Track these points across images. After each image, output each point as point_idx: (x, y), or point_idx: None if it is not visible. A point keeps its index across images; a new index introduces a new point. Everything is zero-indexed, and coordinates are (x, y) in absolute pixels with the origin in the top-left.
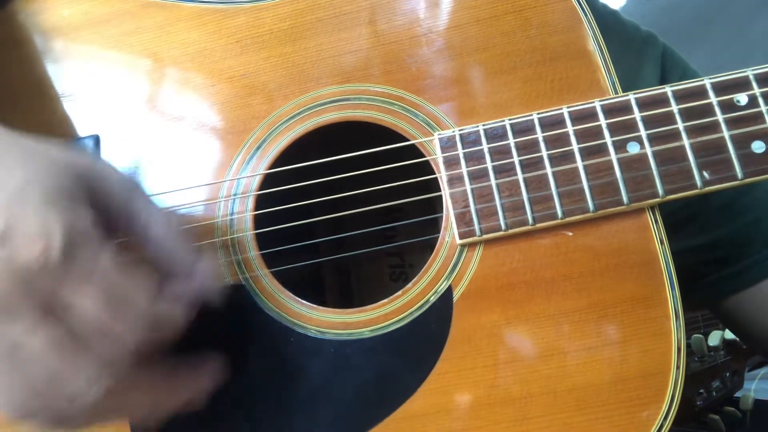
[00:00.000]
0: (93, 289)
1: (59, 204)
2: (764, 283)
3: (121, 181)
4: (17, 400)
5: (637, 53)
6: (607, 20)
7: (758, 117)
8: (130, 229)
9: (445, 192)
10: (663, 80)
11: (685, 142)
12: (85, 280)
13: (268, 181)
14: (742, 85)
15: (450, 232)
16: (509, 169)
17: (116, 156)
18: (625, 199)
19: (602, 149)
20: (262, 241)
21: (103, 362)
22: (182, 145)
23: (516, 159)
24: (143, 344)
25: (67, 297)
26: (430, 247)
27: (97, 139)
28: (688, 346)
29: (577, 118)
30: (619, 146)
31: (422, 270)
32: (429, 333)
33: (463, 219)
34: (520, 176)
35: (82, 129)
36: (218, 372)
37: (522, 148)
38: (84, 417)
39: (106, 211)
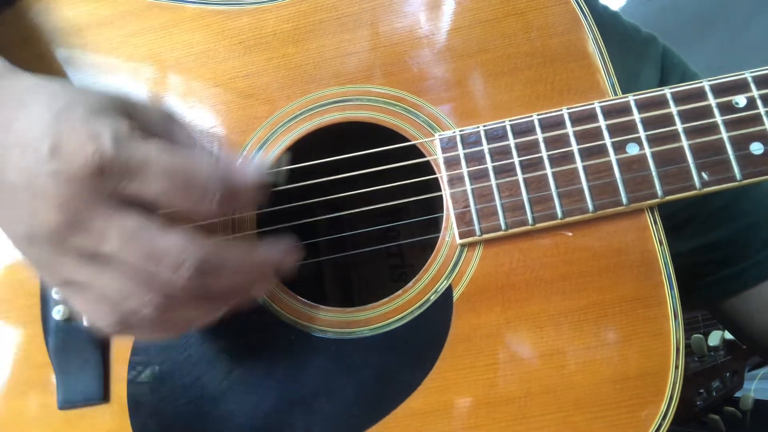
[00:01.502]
0: (156, 173)
1: (103, 114)
2: (763, 284)
3: (157, 108)
4: (92, 311)
5: (637, 55)
6: (607, 22)
7: (757, 119)
8: None
9: (446, 192)
10: (663, 82)
11: (684, 143)
12: (144, 167)
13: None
14: (741, 87)
15: (450, 232)
16: (509, 170)
17: None
18: (624, 199)
19: (602, 150)
20: (263, 240)
21: (193, 240)
22: None
23: (516, 159)
24: (221, 210)
25: (132, 188)
26: (430, 247)
27: None
28: (688, 346)
29: (577, 119)
30: (619, 147)
31: (422, 269)
32: (429, 332)
33: (463, 219)
34: (520, 177)
35: None
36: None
37: (522, 149)
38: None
39: (149, 131)
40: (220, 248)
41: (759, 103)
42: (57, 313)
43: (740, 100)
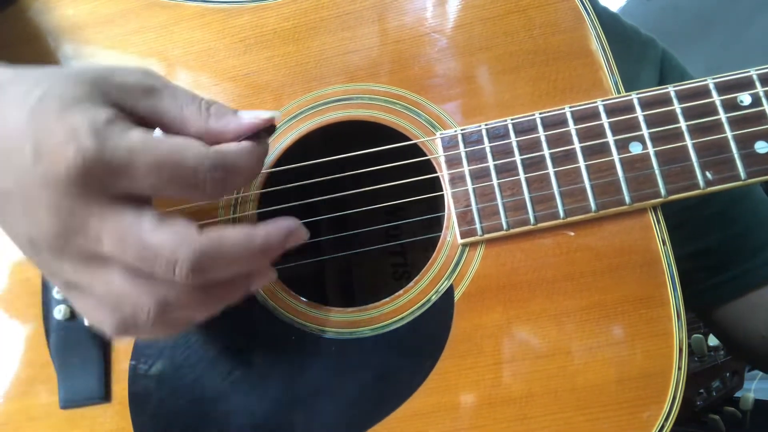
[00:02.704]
0: (142, 167)
1: (78, 106)
2: (751, 292)
3: (137, 80)
4: (88, 310)
5: (636, 57)
6: (607, 23)
7: (761, 117)
8: (166, 126)
9: (447, 191)
10: (661, 84)
11: (688, 142)
12: (129, 163)
13: (271, 179)
14: (746, 85)
15: (452, 232)
16: (511, 169)
17: None
18: (627, 199)
19: (604, 149)
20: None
21: (185, 235)
22: None
23: (518, 158)
24: (217, 193)
25: (121, 185)
26: (432, 246)
27: None
28: (688, 346)
29: (580, 117)
30: (622, 146)
31: (424, 269)
32: (430, 332)
33: (464, 218)
34: (521, 176)
35: None
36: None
37: (524, 148)
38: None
39: (132, 112)
40: (215, 240)
41: (764, 101)
42: (58, 313)
43: (745, 98)
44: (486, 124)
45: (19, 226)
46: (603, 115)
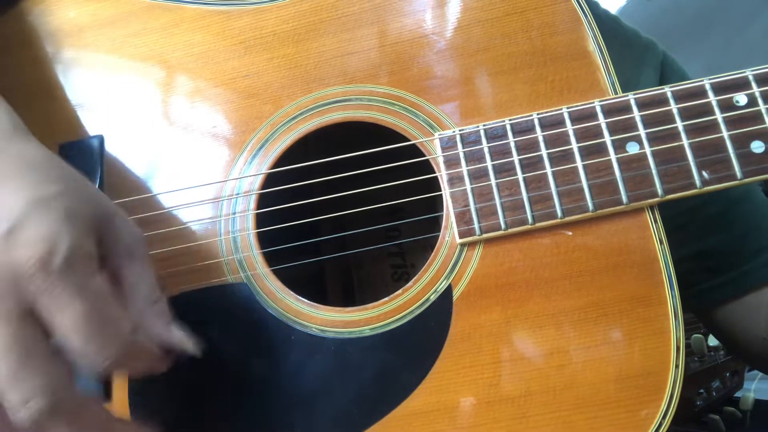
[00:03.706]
0: (80, 306)
1: (75, 225)
2: (750, 293)
3: (129, 240)
4: None
5: (637, 60)
6: (607, 26)
7: (757, 117)
8: (119, 284)
9: (445, 191)
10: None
11: (685, 141)
12: (74, 295)
13: (270, 180)
14: (742, 85)
15: (450, 232)
16: (509, 169)
17: (120, 156)
18: (624, 198)
19: (602, 149)
20: (264, 240)
21: (57, 381)
22: (185, 145)
23: (516, 158)
24: (114, 367)
25: (50, 306)
26: (431, 246)
27: (101, 140)
28: (688, 346)
29: (577, 118)
30: (619, 146)
31: (422, 269)
32: (429, 331)
33: (462, 218)
34: (519, 176)
35: (87, 129)
36: None
37: (522, 148)
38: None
39: (104, 256)
40: (77, 404)
41: (760, 101)
42: None
43: (741, 98)
44: (484, 125)
45: None
46: (600, 116)
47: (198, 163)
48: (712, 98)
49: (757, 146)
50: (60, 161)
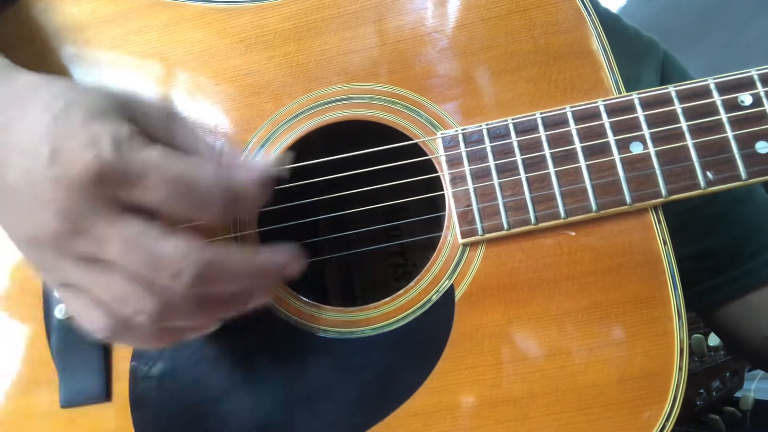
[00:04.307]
0: (156, 181)
1: (102, 117)
2: (752, 293)
3: (159, 108)
4: (88, 315)
5: (638, 58)
6: (608, 25)
7: (762, 117)
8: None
9: (448, 191)
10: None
11: (689, 141)
12: (144, 176)
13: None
14: (747, 85)
15: (452, 231)
16: (512, 169)
17: None
18: (628, 198)
19: (605, 149)
20: (265, 239)
21: (190, 246)
22: None
23: (519, 158)
24: (225, 216)
25: (132, 196)
26: (433, 246)
27: None
28: (689, 346)
29: (580, 117)
30: (622, 146)
31: (424, 269)
32: (431, 332)
33: (465, 218)
34: (522, 175)
35: None
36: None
37: (525, 148)
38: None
39: (150, 133)
40: (221, 254)
41: (765, 101)
42: (59, 312)
43: (746, 98)
44: (487, 124)
45: (22, 223)
46: (604, 115)
47: None
48: (716, 98)
49: (762, 146)
50: (55, 77)
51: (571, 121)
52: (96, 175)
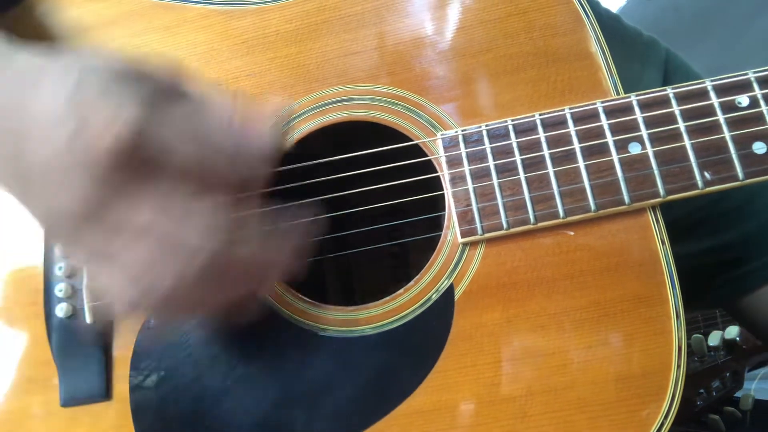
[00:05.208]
0: (186, 139)
1: (119, 84)
2: None
3: (165, 69)
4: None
5: (639, 58)
6: (608, 25)
7: (759, 118)
8: None
9: (448, 191)
10: (665, 85)
11: (687, 142)
12: (174, 137)
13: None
14: (744, 86)
15: (452, 231)
16: (511, 169)
17: None
18: (626, 198)
19: (604, 149)
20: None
21: (213, 210)
22: None
23: (518, 158)
24: (233, 165)
25: (163, 157)
26: (432, 246)
27: None
28: (688, 346)
29: (579, 118)
30: (621, 146)
31: (424, 268)
32: (430, 331)
33: (465, 218)
34: (522, 176)
35: None
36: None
37: (524, 148)
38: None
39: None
40: (248, 217)
41: (762, 102)
42: (60, 311)
43: (743, 99)
44: (486, 125)
45: (50, 197)
46: (602, 116)
47: None
48: (714, 99)
49: (758, 147)
50: (59, 51)
51: (570, 122)
52: (125, 143)
